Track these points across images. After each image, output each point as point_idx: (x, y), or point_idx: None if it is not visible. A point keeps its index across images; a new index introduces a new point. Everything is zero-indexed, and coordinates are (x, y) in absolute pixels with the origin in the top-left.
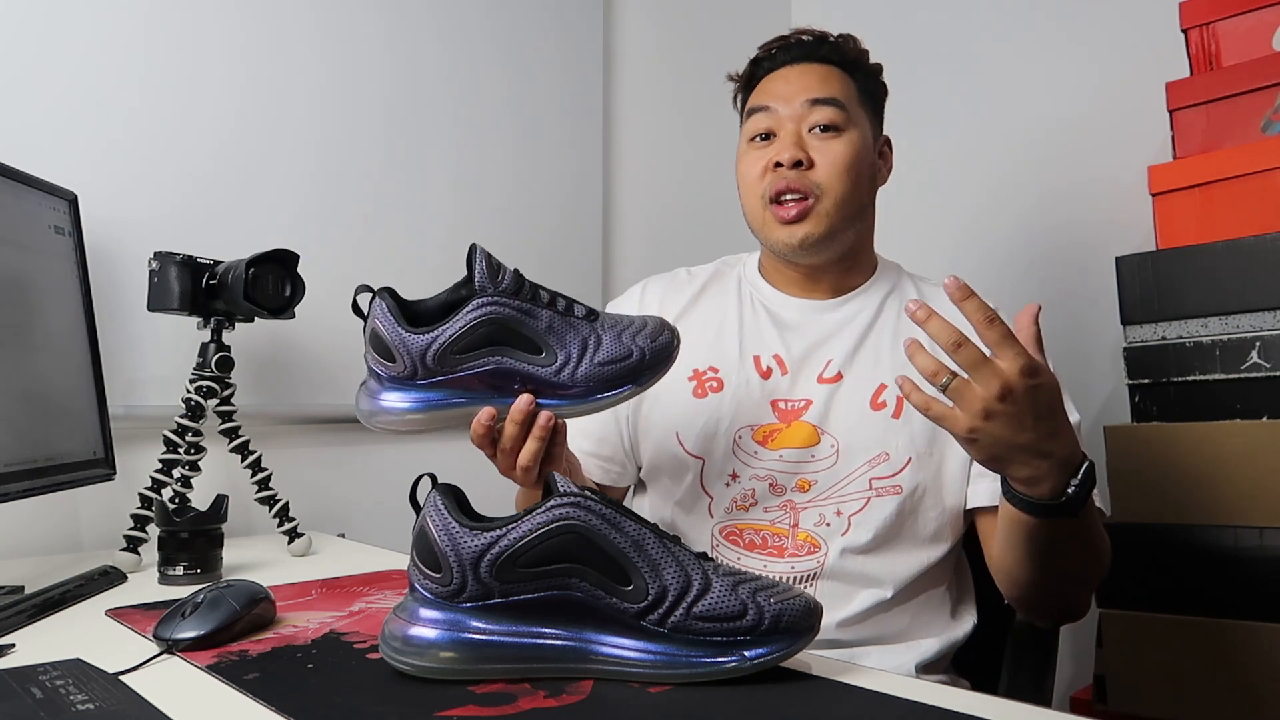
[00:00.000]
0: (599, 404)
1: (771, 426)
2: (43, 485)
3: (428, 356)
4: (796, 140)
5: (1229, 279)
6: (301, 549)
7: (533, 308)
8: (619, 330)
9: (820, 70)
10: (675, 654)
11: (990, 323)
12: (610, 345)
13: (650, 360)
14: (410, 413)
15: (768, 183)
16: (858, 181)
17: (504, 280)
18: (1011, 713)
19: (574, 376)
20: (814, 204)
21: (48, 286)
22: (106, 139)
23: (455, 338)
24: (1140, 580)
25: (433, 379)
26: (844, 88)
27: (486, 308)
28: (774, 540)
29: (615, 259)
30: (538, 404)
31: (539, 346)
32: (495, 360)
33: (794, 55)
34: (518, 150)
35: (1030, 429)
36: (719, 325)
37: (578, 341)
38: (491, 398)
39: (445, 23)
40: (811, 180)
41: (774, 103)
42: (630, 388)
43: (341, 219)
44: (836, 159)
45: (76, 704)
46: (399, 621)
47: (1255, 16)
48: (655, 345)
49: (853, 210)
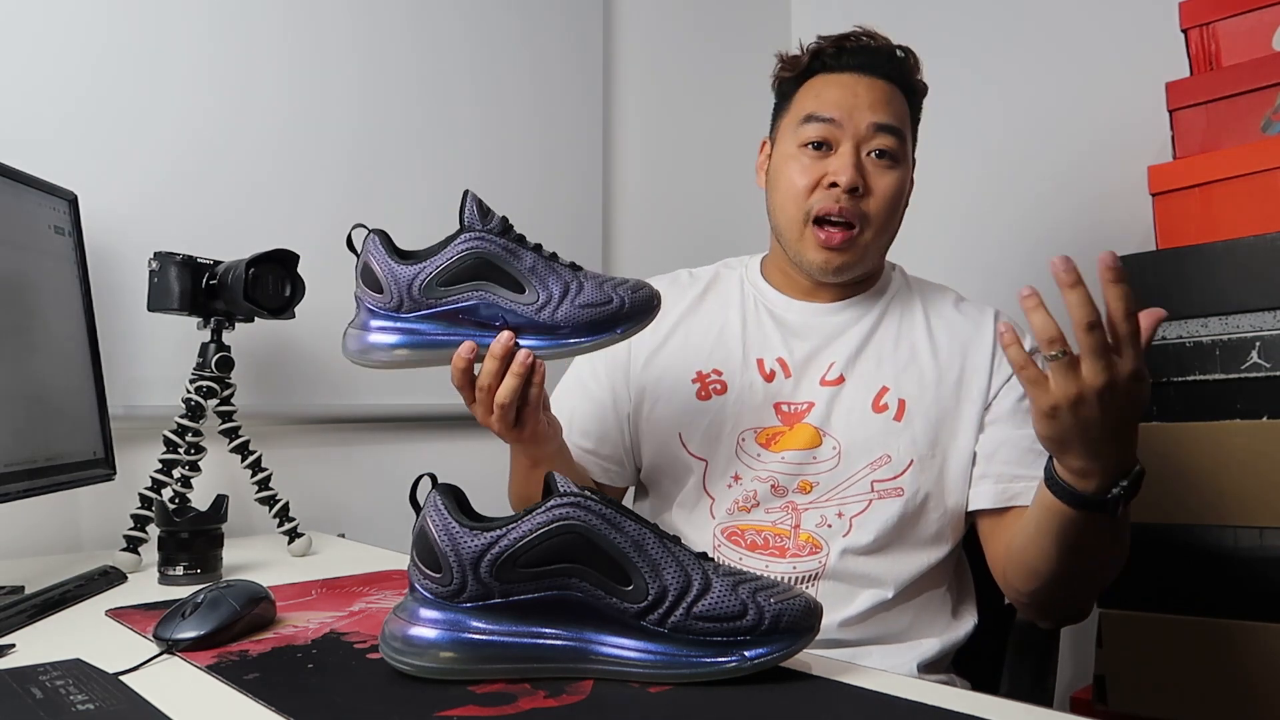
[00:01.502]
0: (579, 347)
1: (774, 429)
2: (43, 485)
3: (414, 287)
4: (857, 162)
5: (1229, 279)
6: (301, 549)
7: (517, 248)
8: (601, 280)
9: (886, 90)
10: (675, 654)
11: (1127, 316)
12: (591, 291)
13: (630, 309)
14: (398, 348)
15: (816, 200)
16: (897, 214)
17: (492, 221)
18: (1011, 713)
19: (554, 316)
20: (857, 234)
21: (48, 286)
22: (106, 139)
23: (441, 269)
24: (1140, 580)
25: (418, 311)
26: (903, 113)
27: (472, 242)
28: (776, 541)
29: (615, 259)
30: (518, 343)
31: (521, 285)
32: (479, 295)
33: (860, 62)
34: (518, 150)
35: (1108, 428)
36: (721, 328)
37: (560, 284)
38: (474, 335)
39: (446, 25)
40: (862, 209)
41: (837, 114)
42: (609, 334)
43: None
44: (889, 191)
45: (76, 704)
46: (399, 621)
47: (1255, 16)
48: (636, 296)
49: (887, 240)
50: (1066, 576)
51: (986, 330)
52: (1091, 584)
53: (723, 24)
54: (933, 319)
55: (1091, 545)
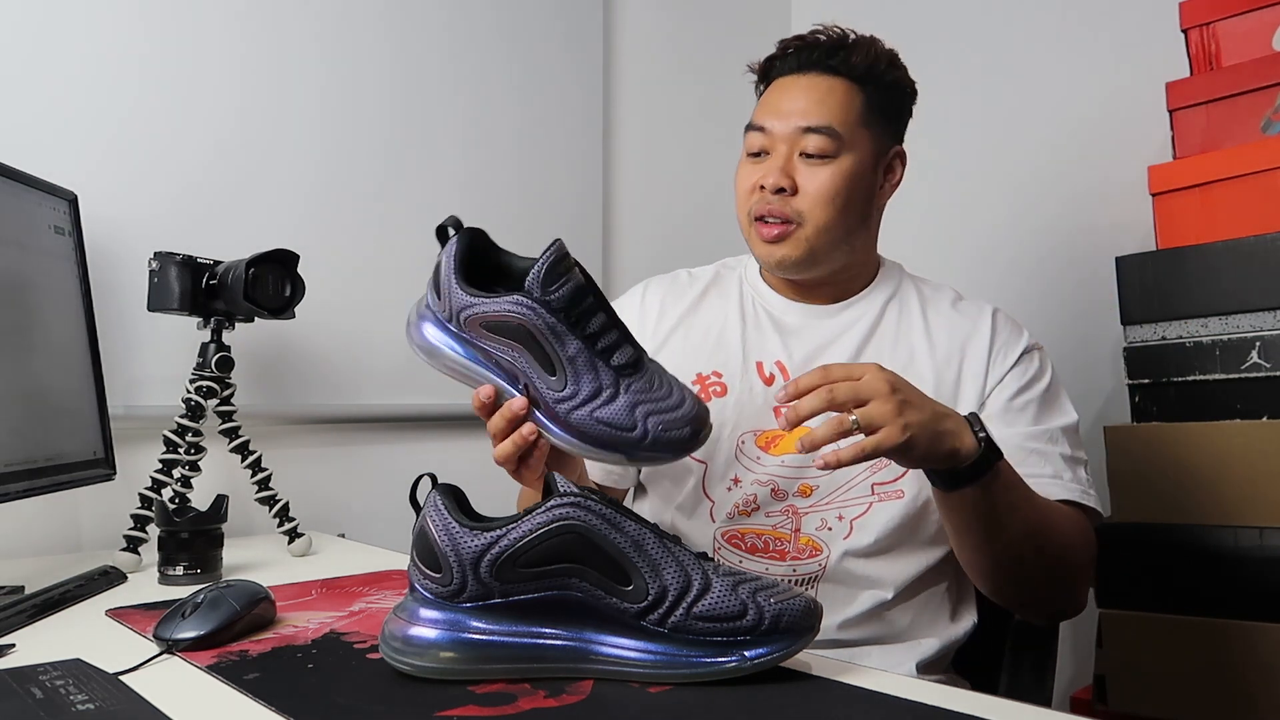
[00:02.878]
0: (581, 452)
1: (774, 433)
2: (43, 485)
3: (460, 317)
4: (784, 165)
5: (1229, 279)
6: (301, 549)
7: (566, 331)
8: (641, 399)
9: (824, 86)
10: (675, 654)
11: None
12: (619, 410)
13: (651, 444)
14: (458, 359)
15: (754, 201)
16: (845, 208)
17: (557, 292)
18: (1011, 713)
19: (570, 414)
20: (794, 229)
21: (48, 286)
22: (106, 139)
23: (488, 316)
24: (1140, 580)
25: (461, 335)
26: (844, 109)
27: (522, 308)
28: (776, 544)
29: (615, 259)
30: (533, 412)
31: (554, 368)
32: (512, 356)
33: (803, 62)
34: (518, 150)
35: (924, 398)
36: (721, 330)
37: (592, 385)
38: (501, 380)
39: (445, 24)
40: (793, 207)
41: (769, 122)
42: (618, 456)
43: (342, 219)
44: (821, 188)
45: (76, 704)
46: (399, 621)
47: (1255, 16)
48: (666, 435)
49: (837, 235)
50: (1005, 560)
51: (984, 328)
52: (1042, 562)
53: (723, 24)
54: (931, 318)
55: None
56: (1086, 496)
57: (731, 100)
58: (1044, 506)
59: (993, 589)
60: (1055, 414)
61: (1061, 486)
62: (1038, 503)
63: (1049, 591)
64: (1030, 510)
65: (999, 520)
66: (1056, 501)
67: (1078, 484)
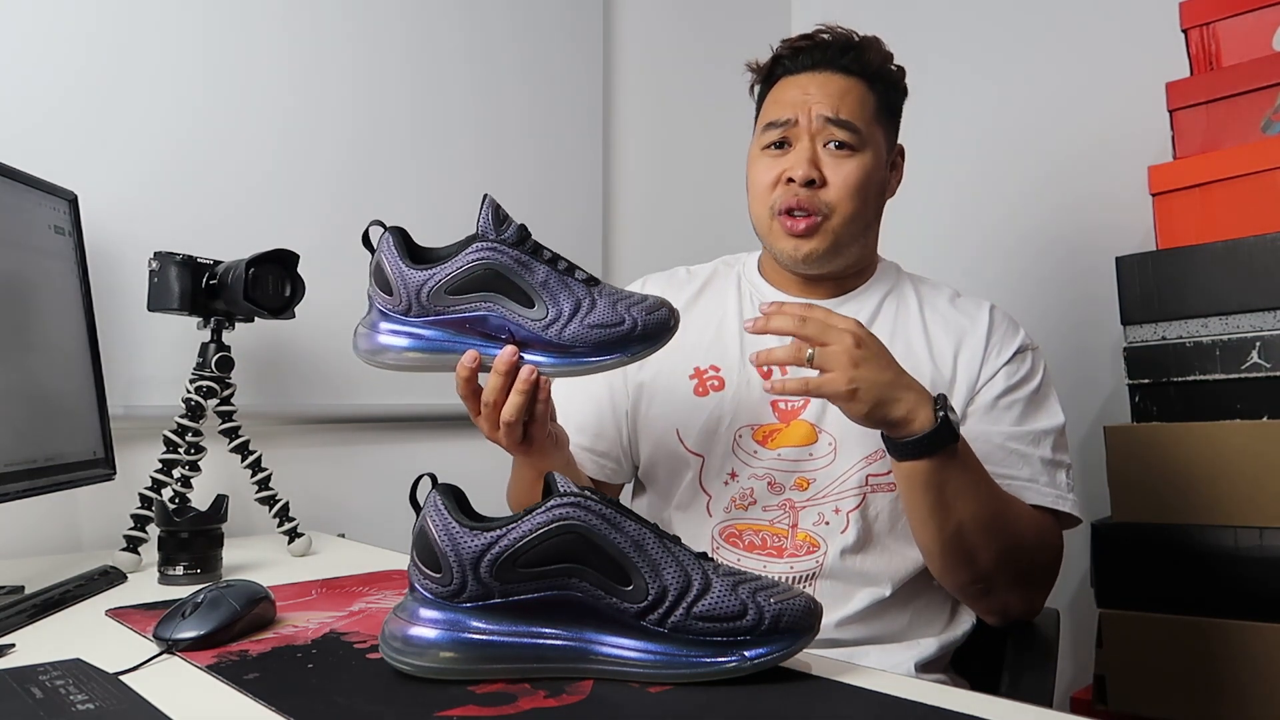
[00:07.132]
0: (584, 367)
1: (771, 426)
2: (43, 485)
3: (423, 293)
4: (811, 156)
5: (1229, 279)
6: (301, 549)
7: (531, 260)
8: (616, 298)
9: (841, 83)
10: (675, 654)
11: (810, 308)
12: (604, 310)
13: (643, 331)
14: (410, 350)
15: (778, 195)
16: (866, 200)
17: (507, 230)
18: (1011, 713)
19: (561, 334)
20: (822, 222)
21: (48, 286)
22: (106, 139)
23: (451, 277)
24: (1140, 580)
25: (425, 317)
26: (862, 105)
27: (484, 252)
28: (773, 540)
29: (615, 259)
30: (523, 358)
31: (531, 299)
32: (486, 306)
33: (816, 60)
34: (518, 150)
35: (891, 365)
36: (719, 324)
37: (571, 300)
38: (480, 345)
39: (445, 24)
40: (822, 200)
41: (791, 114)
42: (618, 356)
43: (342, 219)
44: (849, 179)
45: (76, 704)
46: (399, 621)
47: (1255, 16)
48: (650, 318)
49: (859, 228)
50: (955, 543)
51: (981, 323)
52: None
53: (723, 24)
54: (928, 314)
55: (959, 496)
56: (1061, 501)
57: (732, 99)
58: (1005, 502)
59: (939, 570)
60: (1041, 416)
61: (1036, 491)
62: (998, 496)
63: (1002, 589)
64: (988, 501)
65: (946, 502)
66: (1029, 506)
67: (1054, 489)
